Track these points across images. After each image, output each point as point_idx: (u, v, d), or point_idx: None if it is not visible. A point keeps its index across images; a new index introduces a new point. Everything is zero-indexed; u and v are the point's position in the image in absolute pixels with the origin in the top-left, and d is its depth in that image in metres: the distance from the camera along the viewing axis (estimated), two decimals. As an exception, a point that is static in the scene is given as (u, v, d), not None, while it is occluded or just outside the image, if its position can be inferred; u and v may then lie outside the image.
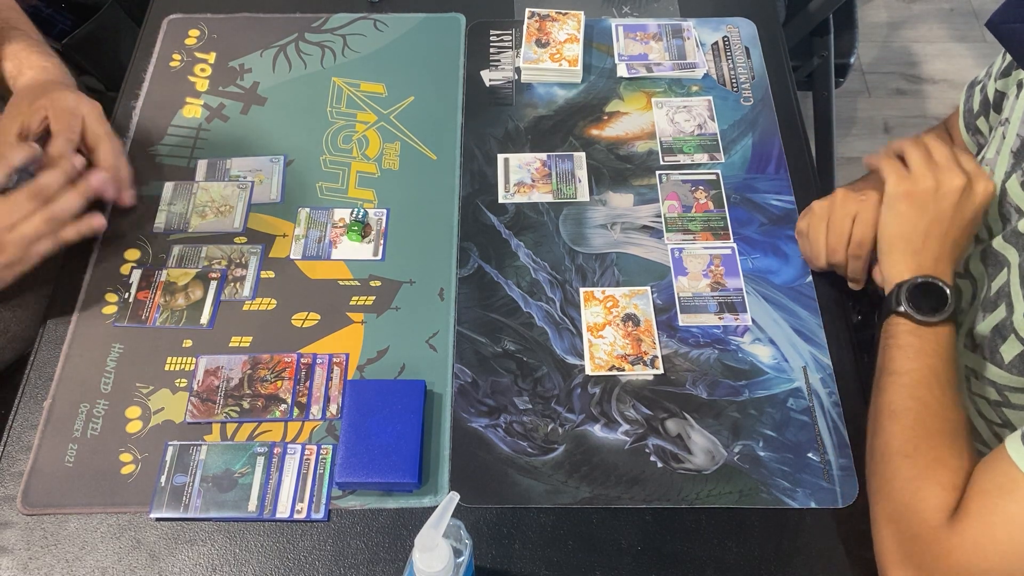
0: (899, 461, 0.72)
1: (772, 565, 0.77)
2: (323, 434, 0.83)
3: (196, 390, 0.85)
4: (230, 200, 0.99)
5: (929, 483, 0.69)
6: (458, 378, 0.87)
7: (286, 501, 0.79)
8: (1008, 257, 0.79)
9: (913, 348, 0.76)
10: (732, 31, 1.15)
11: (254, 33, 1.15)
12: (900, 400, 0.74)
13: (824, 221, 0.87)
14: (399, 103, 1.08)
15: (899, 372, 0.76)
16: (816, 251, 0.89)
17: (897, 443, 0.73)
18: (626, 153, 1.04)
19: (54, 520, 0.79)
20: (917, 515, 0.68)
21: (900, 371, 0.76)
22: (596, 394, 0.86)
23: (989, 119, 0.93)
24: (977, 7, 2.39)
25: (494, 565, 0.77)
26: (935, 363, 0.76)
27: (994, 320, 0.79)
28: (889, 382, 0.76)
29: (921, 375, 0.75)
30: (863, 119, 2.18)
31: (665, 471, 0.81)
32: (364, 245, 0.96)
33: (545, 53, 1.11)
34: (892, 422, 0.74)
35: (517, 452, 0.82)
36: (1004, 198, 0.81)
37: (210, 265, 0.93)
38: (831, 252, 0.87)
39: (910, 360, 0.76)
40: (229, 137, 1.04)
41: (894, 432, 0.73)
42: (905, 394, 0.74)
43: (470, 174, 1.02)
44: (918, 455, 0.71)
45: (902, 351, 0.77)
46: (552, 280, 0.94)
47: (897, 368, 0.76)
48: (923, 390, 0.74)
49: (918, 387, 0.74)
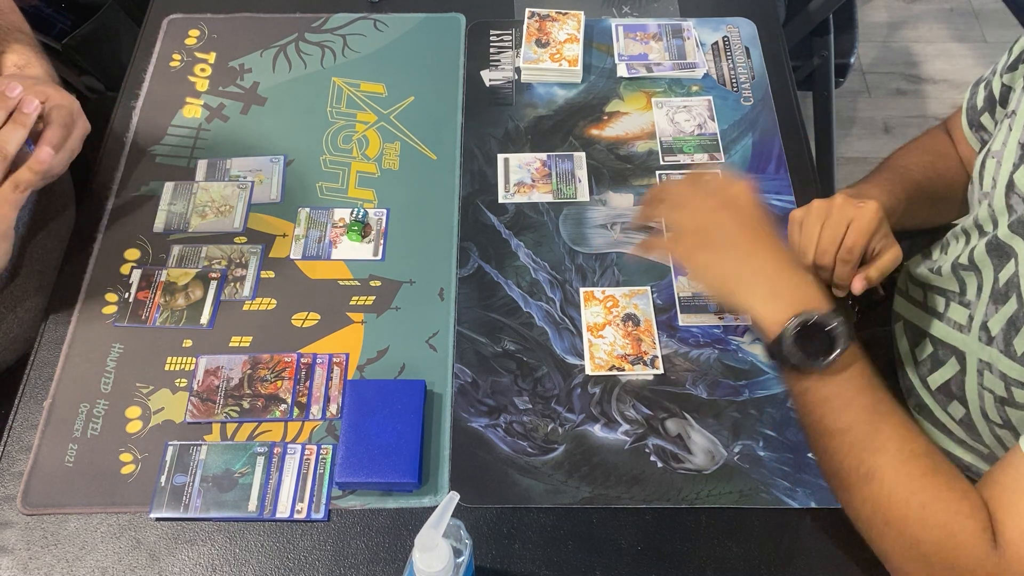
0: (913, 528, 0.67)
1: (772, 565, 0.77)
2: (323, 434, 0.83)
3: (196, 390, 0.85)
4: (230, 200, 0.99)
5: (962, 539, 0.66)
6: (458, 378, 0.87)
7: (286, 501, 0.79)
8: (1015, 248, 0.79)
9: (840, 398, 0.70)
10: (732, 31, 1.15)
11: (254, 33, 1.15)
12: (864, 460, 0.69)
13: (821, 220, 0.87)
14: (399, 103, 1.08)
15: (840, 430, 0.70)
16: (805, 247, 0.88)
17: (898, 510, 0.68)
18: (626, 153, 1.04)
19: (54, 520, 0.79)
20: (956, 550, 0.66)
21: (841, 429, 0.70)
22: (596, 394, 0.86)
23: (995, 115, 0.93)
24: (977, 7, 2.39)
25: (494, 565, 0.77)
26: (872, 402, 0.70)
27: (1007, 312, 0.78)
28: (835, 445, 0.70)
29: (866, 424, 0.69)
30: (863, 119, 2.18)
31: (665, 471, 0.81)
32: (364, 245, 0.96)
33: (545, 53, 1.11)
34: (869, 484, 0.69)
35: (517, 452, 0.82)
36: (1011, 189, 0.81)
37: (210, 265, 0.93)
38: (821, 253, 0.87)
39: (842, 413, 0.70)
40: (229, 137, 1.04)
41: (881, 495, 0.68)
42: (865, 452, 0.69)
43: (470, 174, 1.02)
44: (930, 515, 0.66)
45: (825, 405, 0.70)
46: (552, 280, 0.94)
47: (835, 427, 0.70)
48: (882, 438, 0.69)
49: (874, 437, 0.69)
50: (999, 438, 0.83)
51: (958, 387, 0.86)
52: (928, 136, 1.03)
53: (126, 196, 0.99)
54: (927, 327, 0.91)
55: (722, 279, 0.75)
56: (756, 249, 0.75)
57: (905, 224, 0.88)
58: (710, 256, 0.76)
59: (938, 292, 0.90)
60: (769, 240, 0.76)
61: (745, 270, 0.74)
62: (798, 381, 0.72)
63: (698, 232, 0.77)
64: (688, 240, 0.78)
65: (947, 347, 0.87)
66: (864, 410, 0.70)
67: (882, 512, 0.69)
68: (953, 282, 0.87)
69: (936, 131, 1.03)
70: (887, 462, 0.69)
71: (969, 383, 0.84)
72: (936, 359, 0.89)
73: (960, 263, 0.86)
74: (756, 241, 0.75)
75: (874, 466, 0.69)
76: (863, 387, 0.70)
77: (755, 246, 0.75)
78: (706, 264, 0.76)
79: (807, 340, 0.70)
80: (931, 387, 0.90)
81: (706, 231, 0.77)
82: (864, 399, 0.70)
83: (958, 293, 0.87)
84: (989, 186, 0.85)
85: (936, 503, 0.67)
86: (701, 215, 0.77)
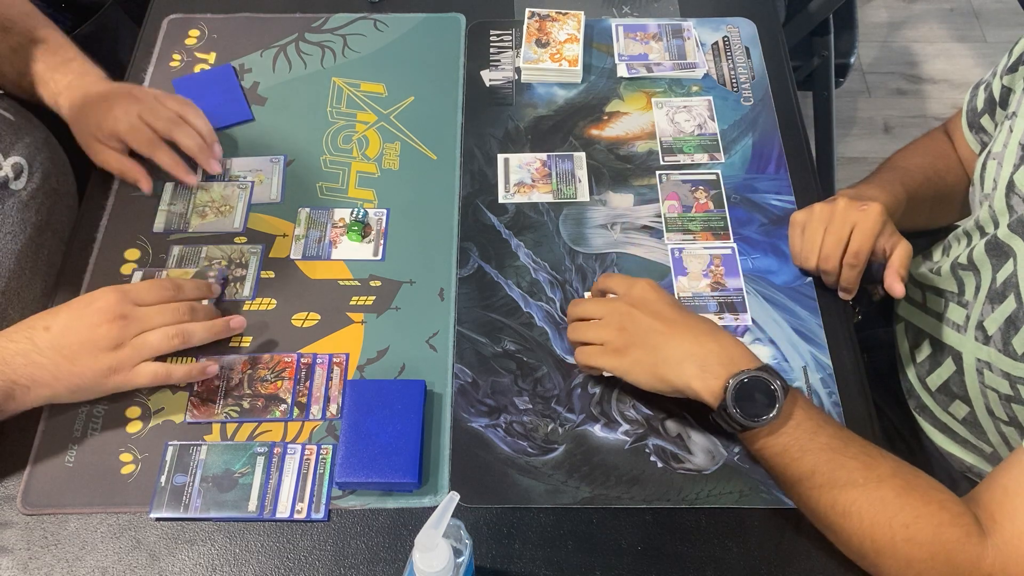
0: (903, 550, 0.68)
1: (772, 565, 0.77)
2: (323, 434, 0.83)
3: (196, 390, 0.85)
4: (230, 200, 0.99)
5: (952, 547, 0.66)
6: (458, 378, 0.87)
7: (286, 501, 0.79)
8: (1014, 247, 0.79)
9: (795, 446, 0.72)
10: (732, 31, 1.15)
11: (254, 33, 1.15)
12: (836, 498, 0.70)
13: (824, 225, 0.87)
14: (399, 103, 1.08)
15: (805, 475, 0.71)
16: (808, 252, 0.89)
17: (883, 536, 0.69)
18: (626, 153, 1.04)
19: (54, 520, 0.79)
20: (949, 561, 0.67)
21: (806, 474, 0.71)
22: (596, 394, 0.86)
23: (995, 116, 0.93)
24: (977, 7, 2.39)
25: (494, 565, 0.77)
26: (827, 440, 0.71)
27: (1005, 312, 0.78)
28: (806, 490, 0.72)
29: (828, 464, 0.70)
30: (863, 119, 2.18)
31: (665, 471, 0.81)
32: (364, 245, 0.96)
33: (545, 53, 1.11)
34: (849, 520, 0.70)
35: (517, 452, 0.82)
36: (1012, 190, 0.81)
37: (209, 265, 0.93)
38: (824, 258, 0.87)
39: (802, 459, 0.71)
40: (229, 137, 1.04)
41: (863, 527, 0.69)
42: (835, 490, 0.70)
43: (470, 174, 1.02)
44: (916, 534, 0.68)
45: (784, 455, 0.72)
46: (552, 280, 0.94)
47: (799, 473, 0.72)
48: (847, 472, 0.70)
49: (839, 473, 0.70)
50: (1004, 435, 0.83)
51: (959, 387, 0.86)
52: (928, 138, 1.03)
53: (126, 196, 0.99)
54: (927, 328, 0.92)
55: (652, 369, 0.78)
56: (674, 331, 0.78)
57: (905, 225, 0.89)
58: (636, 353, 0.79)
59: (937, 293, 0.90)
60: (683, 318, 0.79)
61: (670, 353, 0.77)
62: (753, 441, 0.74)
63: (617, 336, 0.79)
64: (611, 347, 0.80)
65: (944, 347, 0.87)
66: (822, 451, 0.71)
67: (869, 542, 0.69)
68: (952, 282, 0.87)
69: (936, 133, 1.03)
70: (859, 495, 0.70)
71: (970, 383, 0.84)
72: (934, 360, 0.89)
73: (960, 263, 0.86)
74: (671, 323, 0.78)
75: (847, 501, 0.70)
76: (814, 429, 0.72)
77: (672, 328, 0.78)
78: (634, 361, 0.79)
79: (747, 400, 0.72)
80: (931, 388, 0.90)
81: (623, 332, 0.79)
82: (819, 440, 0.72)
83: (956, 293, 0.87)
84: (990, 187, 0.85)
85: (917, 521, 0.68)
86: (614, 320, 0.80)
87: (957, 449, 0.91)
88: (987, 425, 0.85)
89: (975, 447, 0.89)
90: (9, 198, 0.91)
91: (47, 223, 0.96)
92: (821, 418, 0.74)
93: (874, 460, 0.71)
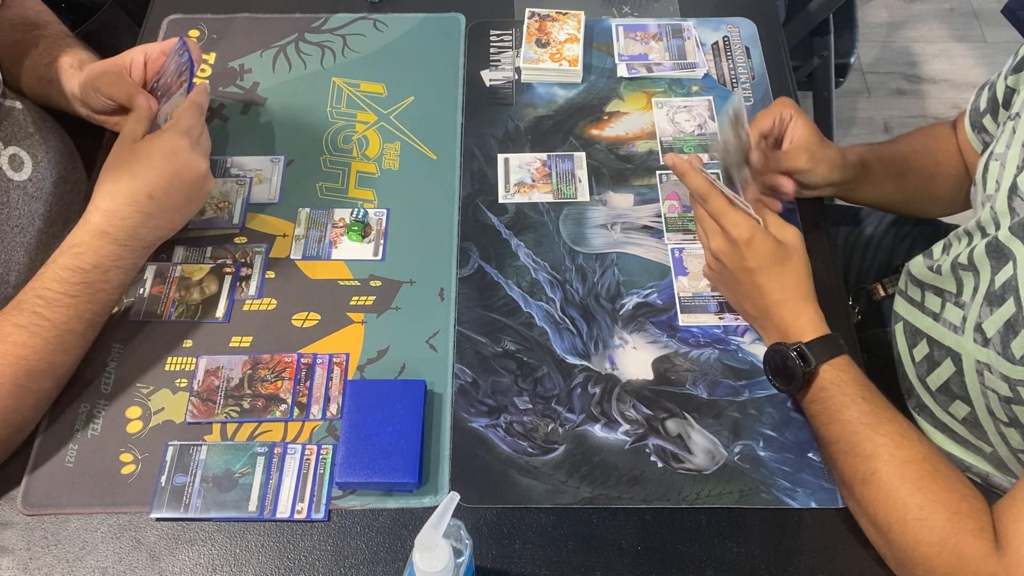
0: (913, 529, 0.69)
1: (772, 565, 0.77)
2: (323, 434, 0.83)
3: (196, 390, 0.85)
4: (229, 196, 0.99)
5: (962, 538, 0.67)
6: (458, 378, 0.87)
7: (286, 501, 0.79)
8: (1014, 250, 0.79)
9: (825, 414, 0.78)
10: (732, 31, 1.15)
11: (254, 33, 1.15)
12: (858, 465, 0.74)
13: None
14: (399, 103, 1.08)
15: (832, 440, 0.77)
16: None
17: (896, 511, 0.71)
18: (626, 153, 1.04)
19: (54, 520, 0.79)
20: (956, 550, 0.67)
21: (833, 439, 0.77)
22: (596, 394, 0.86)
23: (997, 117, 0.93)
24: (977, 7, 2.39)
25: (494, 565, 0.77)
26: (856, 415, 0.75)
27: (1004, 315, 0.78)
28: (834, 453, 0.77)
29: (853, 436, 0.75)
30: (863, 119, 2.18)
31: (665, 471, 0.81)
32: (364, 245, 0.96)
33: (545, 53, 1.11)
34: (868, 487, 0.73)
35: (517, 452, 0.82)
36: (1014, 192, 0.81)
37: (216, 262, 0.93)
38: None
39: (830, 426, 0.77)
40: (229, 137, 1.04)
41: (879, 497, 0.72)
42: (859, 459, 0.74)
43: (470, 174, 1.02)
44: (929, 515, 0.69)
45: (815, 419, 0.79)
46: (552, 280, 0.94)
47: (828, 437, 0.77)
48: (872, 446, 0.74)
49: (865, 445, 0.74)
50: (1004, 436, 0.83)
51: (959, 387, 0.86)
52: (932, 125, 1.05)
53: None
54: (924, 328, 0.91)
55: (737, 306, 0.89)
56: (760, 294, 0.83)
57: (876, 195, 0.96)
58: (729, 294, 0.88)
59: (935, 292, 0.90)
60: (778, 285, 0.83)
61: (750, 309, 0.86)
62: (800, 400, 0.82)
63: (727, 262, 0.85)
64: (719, 276, 0.88)
65: (943, 348, 0.87)
66: (850, 422, 0.76)
67: (883, 513, 0.71)
68: (951, 282, 0.87)
69: (942, 123, 1.04)
70: (881, 466, 0.73)
71: (970, 383, 0.84)
72: (932, 360, 0.89)
73: (959, 263, 0.86)
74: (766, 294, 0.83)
75: (869, 470, 0.73)
76: (844, 403, 0.77)
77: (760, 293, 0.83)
78: (728, 295, 0.89)
79: (780, 368, 0.81)
80: (931, 387, 0.90)
81: (734, 278, 0.85)
82: (849, 413, 0.76)
83: (954, 294, 0.87)
84: (992, 189, 0.85)
85: (934, 504, 0.69)
86: (736, 264, 0.84)
87: (956, 449, 0.91)
88: (987, 425, 0.85)
89: (975, 447, 0.89)
90: (13, 191, 0.90)
91: (57, 216, 0.96)
92: (857, 394, 0.77)
93: (908, 441, 0.73)
